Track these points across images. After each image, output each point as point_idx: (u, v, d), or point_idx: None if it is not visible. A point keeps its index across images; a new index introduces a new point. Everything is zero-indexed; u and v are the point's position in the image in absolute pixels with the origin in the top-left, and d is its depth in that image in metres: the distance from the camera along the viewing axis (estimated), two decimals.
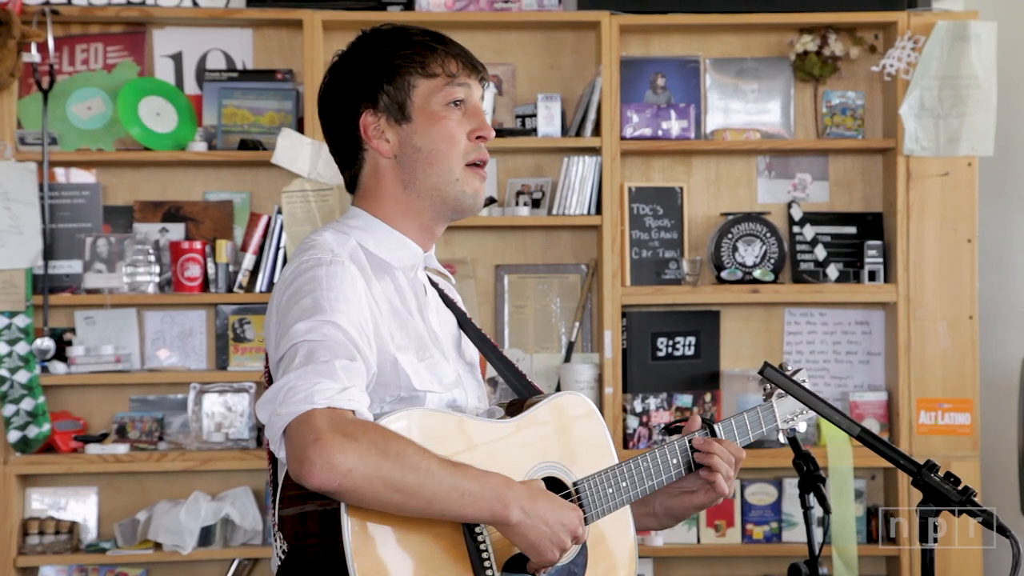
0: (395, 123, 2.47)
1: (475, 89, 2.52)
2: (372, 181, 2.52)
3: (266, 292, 5.06)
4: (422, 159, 2.47)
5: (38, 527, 5.01)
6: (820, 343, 5.33)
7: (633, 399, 5.15)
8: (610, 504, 2.48)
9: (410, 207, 2.50)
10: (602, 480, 2.48)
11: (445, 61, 2.49)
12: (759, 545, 5.19)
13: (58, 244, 5.11)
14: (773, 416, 2.78)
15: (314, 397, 2.13)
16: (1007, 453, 5.07)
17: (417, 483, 2.15)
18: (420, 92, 2.47)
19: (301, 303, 2.28)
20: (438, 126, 2.47)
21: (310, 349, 2.20)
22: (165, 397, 5.20)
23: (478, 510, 2.22)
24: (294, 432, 2.12)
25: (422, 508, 2.17)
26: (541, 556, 2.29)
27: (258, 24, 5.22)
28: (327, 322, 2.24)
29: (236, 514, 5.05)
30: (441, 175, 2.47)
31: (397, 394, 2.38)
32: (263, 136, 5.10)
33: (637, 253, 5.18)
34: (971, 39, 5.05)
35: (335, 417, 2.12)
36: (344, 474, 2.09)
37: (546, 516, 2.27)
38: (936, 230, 5.12)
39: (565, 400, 2.56)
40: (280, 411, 2.14)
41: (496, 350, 2.64)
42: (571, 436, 2.52)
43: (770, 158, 5.33)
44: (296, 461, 2.11)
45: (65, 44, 5.18)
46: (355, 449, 2.10)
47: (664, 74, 5.29)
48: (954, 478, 2.51)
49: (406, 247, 2.52)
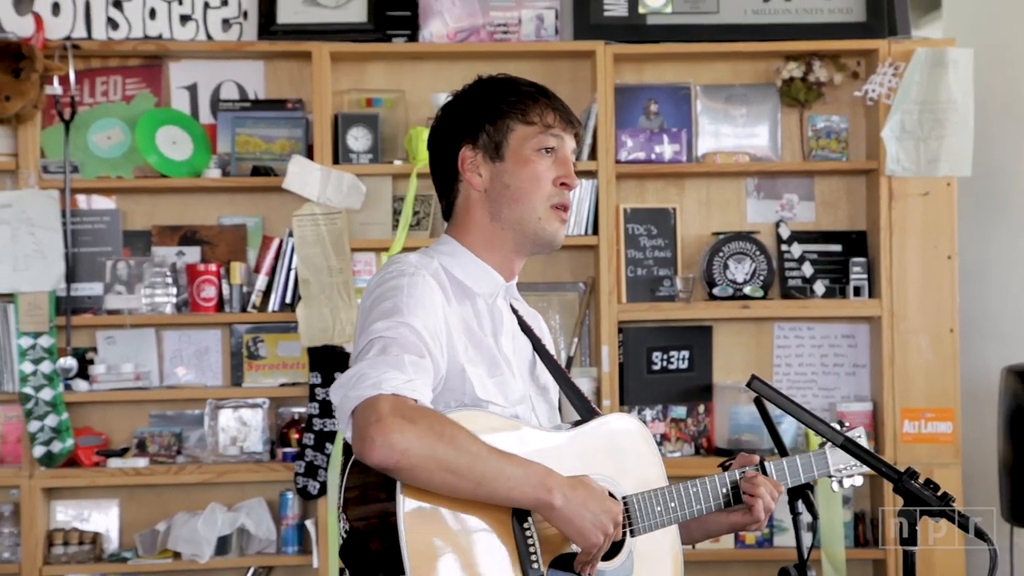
0: (490, 161, 2.64)
1: (568, 142, 2.68)
2: (463, 211, 2.68)
3: (279, 312, 5.17)
4: (509, 195, 2.63)
5: (63, 538, 5.09)
6: (808, 356, 5.40)
7: (630, 411, 5.21)
8: (657, 521, 2.60)
9: (495, 238, 2.65)
10: (651, 498, 2.60)
11: (544, 112, 2.65)
12: (751, 550, 5.24)
13: (80, 267, 5.19)
14: (826, 463, 2.90)
15: (382, 384, 2.28)
16: (987, 460, 5.08)
17: (468, 465, 2.28)
18: (516, 136, 2.63)
19: (382, 306, 2.44)
20: (528, 168, 2.63)
21: (384, 344, 2.36)
22: (183, 413, 5.28)
23: (522, 494, 2.34)
24: (360, 413, 2.27)
25: (471, 489, 2.30)
26: (586, 539, 2.39)
27: (269, 56, 5.30)
28: (403, 323, 2.40)
29: (251, 524, 5.12)
30: (525, 211, 2.63)
31: (461, 400, 2.49)
32: (274, 163, 5.18)
33: (632, 271, 5.25)
34: (949, 65, 5.14)
35: (398, 403, 2.27)
36: (401, 453, 2.23)
37: (587, 502, 2.39)
38: (917, 247, 5.19)
39: (620, 420, 2.71)
40: (350, 394, 2.29)
41: (565, 376, 2.77)
42: (624, 454, 2.65)
43: (758, 180, 5.41)
44: (359, 439, 2.26)
45: (86, 77, 5.27)
46: (413, 430, 2.24)
47: (657, 100, 5.36)
48: (934, 484, 2.60)
49: (488, 275, 2.66)
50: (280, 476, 5.14)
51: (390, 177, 5.25)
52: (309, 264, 5.09)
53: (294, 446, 5.17)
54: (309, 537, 5.13)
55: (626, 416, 2.75)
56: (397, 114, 5.32)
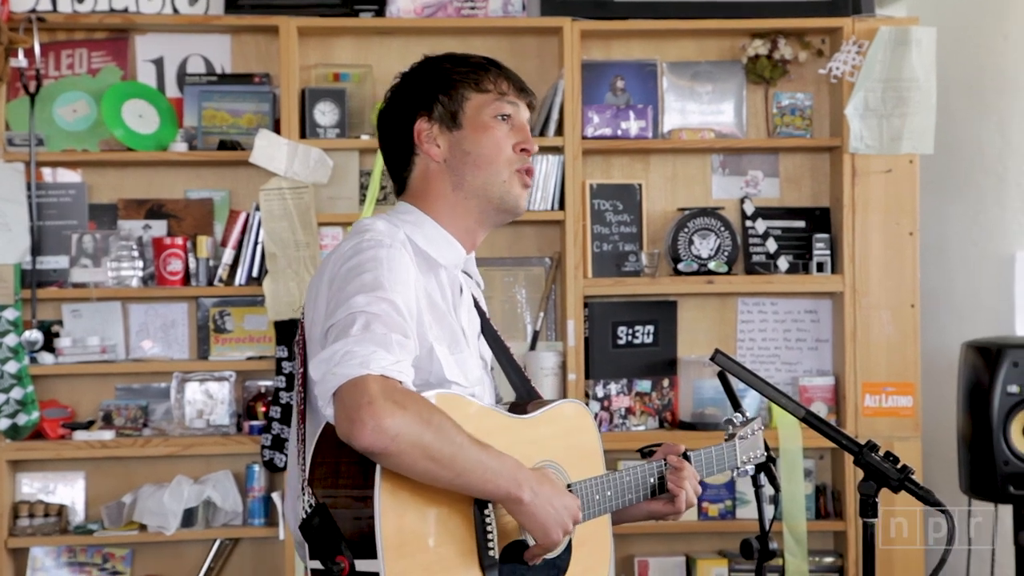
0: (447, 130, 2.62)
1: (522, 109, 2.68)
2: (422, 183, 2.65)
3: (245, 285, 5.18)
4: (471, 162, 2.61)
5: (28, 510, 5.09)
6: (771, 331, 5.44)
7: (595, 385, 5.25)
8: (596, 509, 2.61)
9: (458, 208, 2.63)
10: (593, 486, 2.61)
11: (497, 80, 2.65)
12: (714, 522, 5.29)
13: (45, 240, 5.18)
14: (735, 455, 2.94)
15: (370, 364, 2.22)
16: (947, 434, 5.11)
17: (451, 455, 2.26)
18: (472, 104, 2.62)
19: (362, 277, 2.37)
20: (488, 134, 2.61)
21: (367, 320, 2.29)
22: (149, 386, 5.28)
23: (496, 487, 2.33)
24: (347, 393, 2.21)
25: (449, 479, 2.28)
26: (547, 536, 2.40)
27: (236, 30, 5.29)
28: (386, 299, 2.34)
29: (217, 496, 5.13)
30: (489, 177, 2.61)
31: (427, 379, 2.47)
32: (241, 137, 5.18)
33: (598, 247, 5.28)
34: (912, 43, 5.17)
35: (387, 385, 2.22)
36: (392, 438, 2.19)
37: (552, 498, 2.39)
38: (880, 224, 5.23)
39: (570, 408, 2.72)
40: (336, 371, 2.23)
41: (507, 352, 2.78)
42: (571, 441, 2.66)
43: (724, 156, 5.43)
44: (347, 420, 2.21)
45: (51, 50, 5.25)
46: (403, 416, 2.20)
47: (623, 77, 5.38)
48: (893, 457, 2.65)
49: (452, 246, 2.64)
50: (246, 449, 5.15)
51: (357, 152, 5.25)
52: (276, 238, 5.11)
53: (261, 419, 5.18)
54: (276, 509, 5.16)
55: (576, 403, 2.75)
56: (364, 89, 5.32)
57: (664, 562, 5.33)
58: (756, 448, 2.97)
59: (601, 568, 2.70)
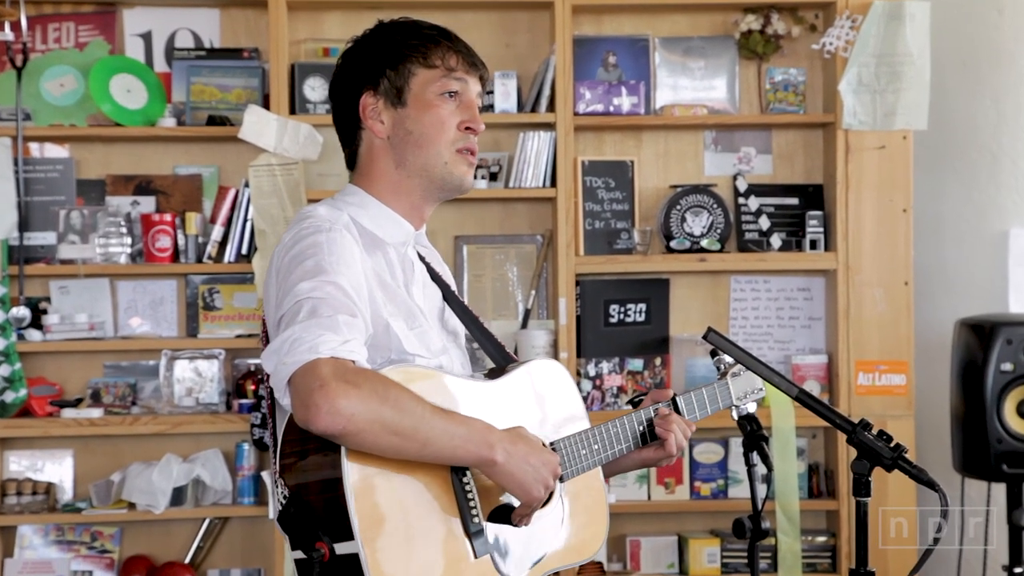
0: (391, 107, 2.58)
1: (472, 85, 2.63)
2: (367, 159, 2.63)
3: (235, 263, 5.16)
4: (412, 141, 2.58)
5: (16, 488, 5.07)
6: (764, 309, 5.43)
7: (587, 363, 5.25)
8: (583, 464, 2.62)
9: (401, 185, 2.60)
10: (577, 441, 2.61)
11: (446, 55, 2.60)
12: (706, 501, 5.29)
13: (33, 216, 5.15)
14: (729, 394, 2.90)
15: (319, 347, 2.21)
16: (940, 412, 5.11)
17: (412, 427, 2.25)
18: (418, 80, 2.58)
19: (304, 264, 2.36)
20: (430, 113, 2.57)
21: (313, 305, 2.28)
22: (138, 363, 5.26)
23: (467, 452, 2.33)
24: (299, 380, 2.21)
25: (416, 451, 2.28)
26: (528, 493, 2.40)
27: (225, 4, 5.26)
28: (329, 282, 2.33)
29: (207, 475, 5.11)
30: (430, 157, 2.58)
31: (388, 356, 2.46)
32: (230, 112, 5.15)
33: (590, 224, 5.26)
34: (906, 18, 5.14)
35: (338, 366, 2.21)
36: (348, 418, 2.18)
37: (527, 456, 2.39)
38: (873, 201, 5.22)
39: (543, 366, 2.70)
40: (286, 360, 2.23)
41: (477, 322, 2.77)
42: (547, 400, 2.65)
43: (716, 133, 5.41)
44: (302, 407, 2.21)
45: (38, 23, 5.21)
46: (357, 395, 2.19)
47: (615, 52, 5.34)
48: (887, 436, 2.60)
49: (398, 224, 2.61)
50: (236, 427, 5.13)
51: None
52: (265, 215, 5.07)
53: (250, 397, 5.16)
54: (265, 488, 5.13)
55: (548, 361, 2.74)
56: None
57: (656, 541, 5.32)
58: (752, 384, 2.93)
59: (600, 519, 2.71)
